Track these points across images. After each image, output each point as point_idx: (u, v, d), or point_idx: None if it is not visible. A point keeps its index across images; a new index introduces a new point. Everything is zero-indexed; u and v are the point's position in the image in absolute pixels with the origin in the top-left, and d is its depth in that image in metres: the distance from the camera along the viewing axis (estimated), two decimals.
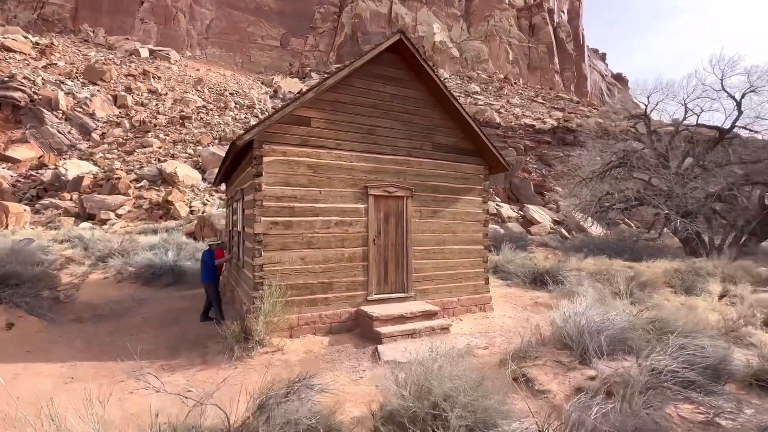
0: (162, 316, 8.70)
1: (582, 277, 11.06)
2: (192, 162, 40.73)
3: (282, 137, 6.86)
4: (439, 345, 6.42)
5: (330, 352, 6.36)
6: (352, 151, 7.50)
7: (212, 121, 53.61)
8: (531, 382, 4.98)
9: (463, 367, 3.62)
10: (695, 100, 25.79)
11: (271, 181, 6.74)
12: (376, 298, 7.56)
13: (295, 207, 6.95)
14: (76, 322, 8.09)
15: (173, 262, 12.44)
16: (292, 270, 6.86)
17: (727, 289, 10.08)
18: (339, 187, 7.35)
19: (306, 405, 3.40)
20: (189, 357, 6.18)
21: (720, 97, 25.52)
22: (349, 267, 7.37)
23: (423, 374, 3.59)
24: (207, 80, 73.05)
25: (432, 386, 3.36)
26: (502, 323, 8.24)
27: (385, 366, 5.73)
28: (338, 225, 7.32)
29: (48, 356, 6.00)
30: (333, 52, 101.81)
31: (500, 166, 9.00)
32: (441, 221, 8.44)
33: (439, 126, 8.46)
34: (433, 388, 3.33)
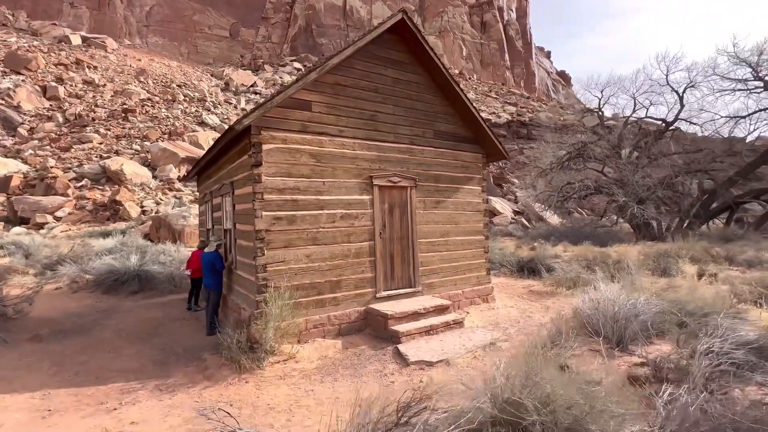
0: (136, 329, 7.70)
1: (566, 264, 11.24)
2: (140, 159, 37.72)
3: (282, 123, 6.19)
4: (463, 341, 6.14)
5: (347, 356, 5.84)
6: (355, 139, 6.96)
7: (159, 114, 50.02)
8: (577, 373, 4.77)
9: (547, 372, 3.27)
10: (644, 94, 27.43)
11: (272, 171, 6.07)
12: (384, 294, 7.12)
13: (299, 200, 6.32)
14: (35, 341, 6.93)
15: (138, 267, 11.20)
16: (297, 269, 6.24)
17: (703, 269, 10.64)
18: (343, 178, 6.79)
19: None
20: (186, 373, 5.41)
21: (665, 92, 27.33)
22: (357, 263, 6.86)
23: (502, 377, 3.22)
24: (150, 71, 68.14)
25: (520, 394, 2.99)
26: (508, 314, 8.10)
27: (414, 368, 5.33)
28: (344, 218, 6.77)
29: (10, 386, 4.99)
30: (287, 44, 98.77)
31: (498, 154, 8.83)
32: (444, 212, 8.12)
33: (439, 113, 8.11)
34: (523, 397, 2.95)
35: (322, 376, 5.21)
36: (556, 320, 6.55)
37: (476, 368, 5.27)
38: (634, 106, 27.52)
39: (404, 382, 4.93)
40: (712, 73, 24.97)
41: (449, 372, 5.19)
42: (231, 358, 5.48)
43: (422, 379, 4.96)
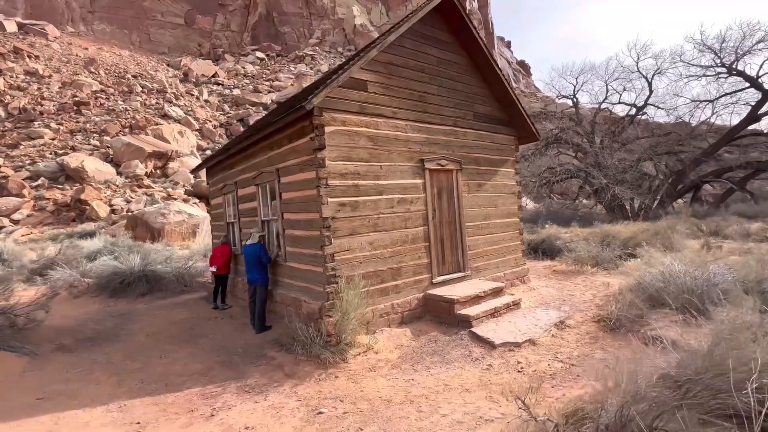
0: (171, 331, 7.15)
1: (584, 244, 11.55)
2: (101, 155, 35.17)
3: (341, 103, 5.85)
4: (531, 321, 6.14)
5: (423, 344, 5.67)
6: (407, 121, 6.72)
7: (116, 107, 46.79)
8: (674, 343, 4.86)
9: None
10: (616, 80, 28.62)
11: (334, 155, 5.73)
12: (440, 280, 6.99)
13: (360, 185, 6.02)
14: (64, 351, 6.25)
15: (144, 267, 10.41)
16: (362, 257, 5.97)
17: (707, 242, 11.28)
18: (398, 161, 6.55)
19: None
20: (262, 372, 5.05)
21: (635, 78, 28.67)
22: (414, 249, 6.68)
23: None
24: (101, 61, 63.52)
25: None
26: (549, 293, 8.20)
27: (503, 350, 5.25)
28: (401, 203, 6.55)
29: (74, 400, 4.44)
30: (247, 32, 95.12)
31: (531, 136, 8.86)
32: (485, 194, 8.06)
33: (477, 94, 8.00)
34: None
35: (411, 365, 5.03)
36: (611, 296, 6.70)
37: (563, 346, 5.28)
38: (606, 92, 28.68)
39: (502, 364, 4.85)
40: (678, 60, 26.45)
41: (540, 351, 5.17)
42: (309, 353, 5.18)
43: (519, 360, 4.90)
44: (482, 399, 3.96)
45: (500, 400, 3.89)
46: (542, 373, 4.50)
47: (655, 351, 4.61)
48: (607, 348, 5.04)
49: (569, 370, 4.54)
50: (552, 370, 4.58)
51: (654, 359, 3.42)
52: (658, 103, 28.44)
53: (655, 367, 3.27)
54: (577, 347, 5.19)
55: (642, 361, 3.27)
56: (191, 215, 23.18)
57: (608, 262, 10.08)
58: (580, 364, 4.67)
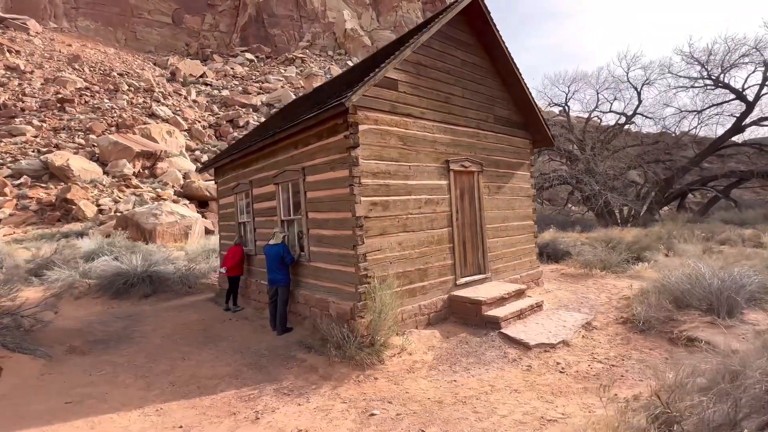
0: (185, 334, 6.93)
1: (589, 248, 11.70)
2: (86, 153, 34.23)
3: (374, 102, 5.79)
4: (558, 322, 6.16)
5: (455, 345, 5.62)
6: (434, 122, 6.70)
7: (102, 105, 45.67)
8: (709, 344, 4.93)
9: None
10: (607, 89, 29.35)
11: (366, 154, 5.66)
12: (463, 281, 6.96)
13: (390, 185, 5.96)
14: (77, 353, 5.98)
15: (147, 268, 10.10)
16: (392, 257, 5.90)
17: (709, 246, 11.57)
18: (425, 162, 6.52)
19: None
20: (297, 374, 4.91)
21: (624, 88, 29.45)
22: (439, 250, 6.64)
23: None
24: (85, 58, 62.06)
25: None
26: (565, 296, 8.26)
27: (538, 350, 5.24)
28: (427, 204, 6.51)
29: (105, 404, 4.23)
30: (236, 33, 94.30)
31: (546, 140, 8.96)
32: (503, 197, 8.10)
33: (497, 97, 8.05)
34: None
35: (449, 366, 4.97)
36: (632, 298, 6.78)
37: (597, 347, 5.30)
38: (597, 101, 29.37)
39: (541, 365, 4.83)
40: (667, 72, 27.30)
41: (575, 352, 5.18)
42: (344, 354, 5.07)
43: (557, 361, 4.90)
44: (535, 399, 3.92)
45: (555, 400, 3.86)
46: (585, 374, 4.50)
47: (691, 351, 4.67)
48: (641, 349, 5.08)
49: (611, 370, 4.55)
50: (594, 370, 4.58)
51: (702, 358, 3.43)
52: (647, 113, 29.27)
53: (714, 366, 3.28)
54: (611, 348, 5.22)
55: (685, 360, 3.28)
56: (184, 216, 22.70)
57: (616, 266, 10.22)
58: (620, 364, 4.69)
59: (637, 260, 10.63)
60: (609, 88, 29.47)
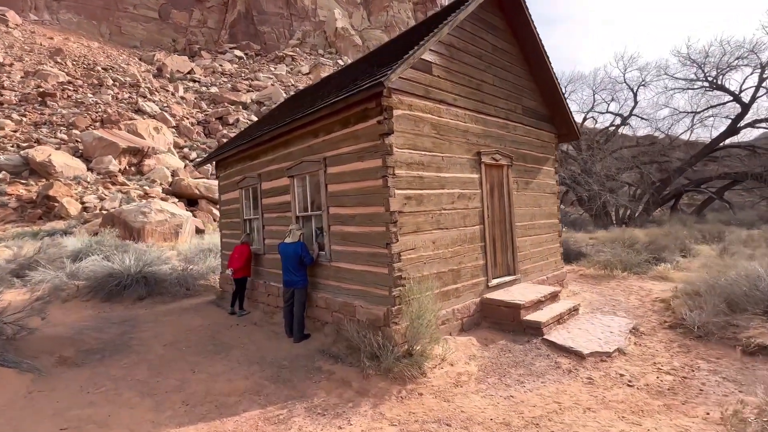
0: (190, 341, 6.26)
1: (608, 248, 11.34)
2: (69, 149, 32.86)
3: (408, 85, 5.24)
4: (602, 328, 5.68)
5: (497, 354, 5.10)
6: (466, 110, 6.18)
7: (86, 100, 44.11)
8: None
9: None
10: (603, 90, 29.35)
11: (400, 142, 5.11)
12: (495, 283, 6.45)
13: (424, 177, 5.42)
14: (68, 365, 5.28)
15: (141, 268, 9.35)
16: (426, 257, 5.35)
17: (726, 247, 11.32)
18: (458, 153, 5.99)
19: None
20: (327, 390, 4.32)
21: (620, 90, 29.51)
22: (471, 249, 6.11)
23: None
24: (68, 51, 60.09)
25: None
26: (593, 298, 7.83)
27: (593, 360, 4.75)
28: (460, 199, 5.98)
29: (111, 429, 3.57)
30: (225, 30, 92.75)
31: (571, 134, 8.52)
32: (531, 193, 7.63)
33: (525, 87, 7.57)
34: None
35: (499, 379, 4.44)
36: (673, 300, 6.37)
37: (656, 356, 4.83)
38: (594, 101, 29.35)
39: (603, 377, 4.34)
40: (663, 74, 27.40)
41: (635, 362, 4.70)
42: (379, 366, 4.50)
43: (620, 373, 4.40)
44: (617, 420, 3.41)
45: (641, 421, 3.36)
46: (658, 388, 4.01)
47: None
48: (707, 358, 4.63)
49: (684, 383, 4.08)
50: (665, 383, 4.10)
51: None
52: (643, 114, 29.36)
53: None
54: (672, 357, 4.76)
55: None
56: (174, 214, 21.77)
57: (637, 266, 9.86)
58: (691, 376, 4.22)
59: (657, 261, 10.28)
60: (606, 89, 29.50)
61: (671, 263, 9.97)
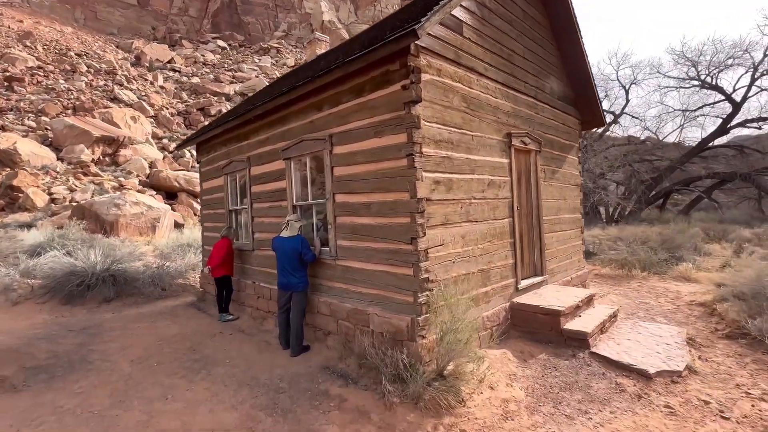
0: (165, 355, 5.20)
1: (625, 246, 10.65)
2: (38, 137, 30.78)
3: (438, 44, 4.30)
4: (652, 338, 4.89)
5: (541, 373, 4.23)
6: (496, 83, 5.28)
7: (57, 86, 41.64)
8: None
9: None
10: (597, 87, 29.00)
11: (428, 114, 4.17)
12: (524, 285, 5.59)
13: (454, 158, 4.50)
14: (5, 389, 4.17)
15: (110, 265, 8.17)
16: (455, 255, 4.44)
17: (741, 246, 10.80)
18: (487, 133, 5.09)
19: None
20: (340, 424, 3.37)
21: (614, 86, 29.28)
22: (500, 246, 5.24)
23: None
24: (38, 35, 56.90)
25: None
26: (621, 302, 7.08)
27: (664, 381, 3.92)
28: (490, 187, 5.09)
29: None
30: (207, 19, 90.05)
31: (596, 120, 7.75)
32: (557, 185, 6.81)
33: (553, 64, 6.74)
34: None
35: (555, 407, 3.56)
36: (719, 304, 5.64)
37: (734, 375, 4.04)
38: None
39: (682, 404, 3.51)
40: (656, 72, 27.22)
41: (713, 383, 3.89)
42: (405, 391, 3.57)
43: (702, 399, 3.58)
44: None
45: None
46: (761, 421, 3.20)
47: None
48: None
49: None
50: (766, 414, 3.30)
51: None
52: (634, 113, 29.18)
53: None
54: (753, 377, 3.97)
55: None
56: (151, 207, 20.33)
57: (655, 266, 9.20)
58: None
59: (676, 260, 9.64)
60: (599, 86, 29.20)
61: (691, 263, 9.35)
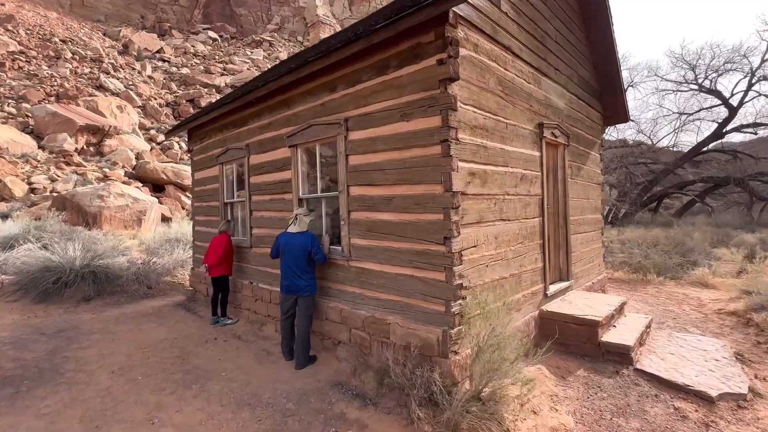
0: (150, 365, 4.57)
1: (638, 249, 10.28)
2: (18, 124, 29.46)
3: (477, 16, 3.75)
4: (696, 353, 4.43)
5: (584, 394, 3.73)
6: (530, 67, 4.76)
7: (40, 72, 40.06)
8: None
9: None
10: None
11: (465, 95, 3.62)
12: (552, 291, 5.10)
13: (489, 148, 3.96)
14: None
15: (90, 260, 7.46)
16: (488, 258, 3.91)
17: (753, 251, 10.51)
18: (521, 122, 4.57)
19: None
20: None
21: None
22: (531, 248, 4.72)
23: None
24: (21, 19, 54.88)
25: None
26: (641, 308, 6.66)
27: (729, 405, 3.44)
28: (523, 182, 4.57)
29: None
30: (198, 9, 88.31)
31: (620, 116, 7.29)
32: (581, 182, 6.33)
33: (582, 53, 6.25)
34: None
35: None
36: (755, 313, 5.23)
37: None
38: None
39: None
40: (654, 75, 27.16)
41: None
42: (437, 416, 3.03)
43: None
44: None
45: None
46: None
47: None
48: None
49: None
50: None
51: None
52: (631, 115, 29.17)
53: None
54: None
55: None
56: (137, 199, 19.45)
57: (671, 270, 8.84)
58: None
59: (690, 265, 9.28)
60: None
61: (707, 268, 9.00)
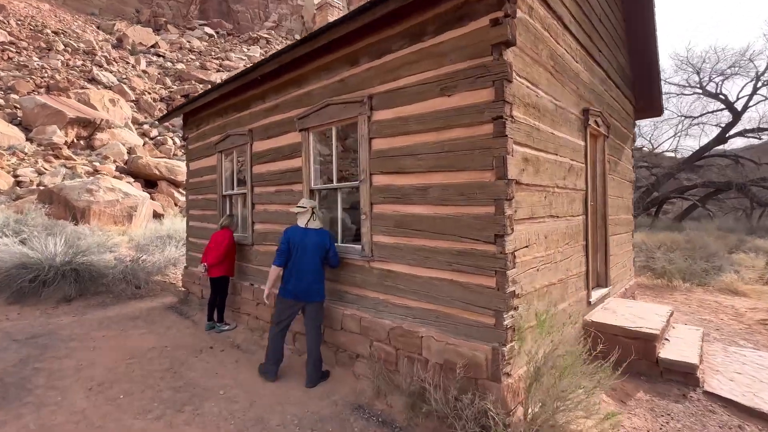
0: (135, 379, 3.92)
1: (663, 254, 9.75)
2: (5, 115, 28.47)
3: None
4: (753, 365, 3.87)
5: (652, 423, 3.15)
6: (578, 43, 4.20)
7: (30, 63, 38.97)
8: None
9: None
10: None
11: (519, 66, 3.03)
12: (594, 298, 4.53)
13: (541, 130, 3.38)
14: None
15: (72, 257, 6.77)
16: (538, 260, 3.32)
17: None
18: (569, 105, 3.99)
19: None
20: None
21: None
22: (575, 250, 4.15)
23: None
24: (12, 10, 53.63)
25: None
26: (677, 318, 6.13)
27: None
28: (570, 174, 3.99)
29: None
30: (195, 5, 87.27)
31: (653, 109, 6.77)
32: (617, 179, 5.79)
33: (621, 37, 5.70)
34: None
35: None
36: None
37: None
38: None
39: None
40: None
41: None
42: None
43: None
44: None
45: None
46: None
47: None
48: None
49: None
50: None
51: None
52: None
53: None
54: None
55: None
56: (128, 194, 18.66)
57: (697, 276, 8.34)
58: None
59: (716, 270, 8.78)
60: None
61: (735, 273, 8.51)
